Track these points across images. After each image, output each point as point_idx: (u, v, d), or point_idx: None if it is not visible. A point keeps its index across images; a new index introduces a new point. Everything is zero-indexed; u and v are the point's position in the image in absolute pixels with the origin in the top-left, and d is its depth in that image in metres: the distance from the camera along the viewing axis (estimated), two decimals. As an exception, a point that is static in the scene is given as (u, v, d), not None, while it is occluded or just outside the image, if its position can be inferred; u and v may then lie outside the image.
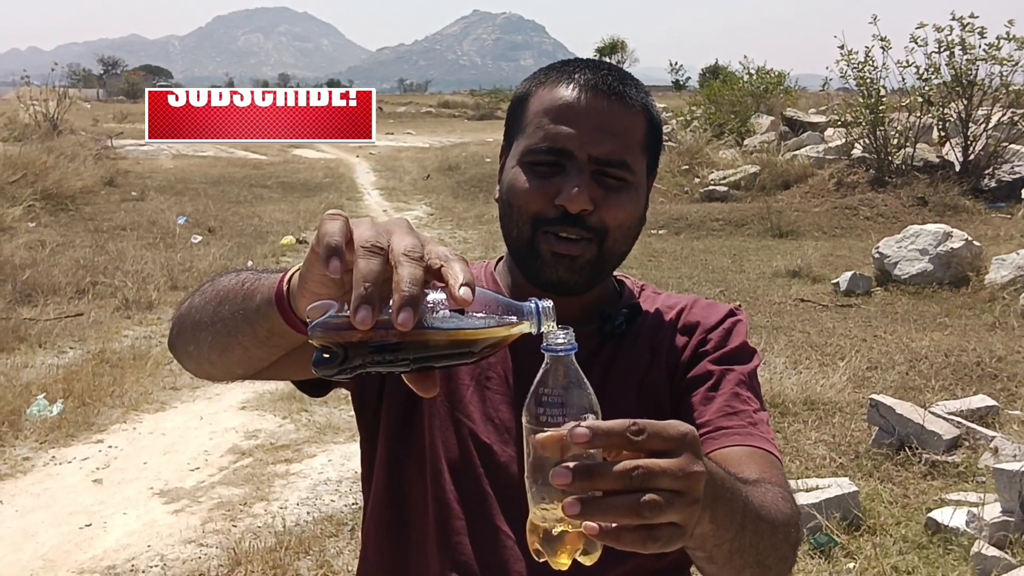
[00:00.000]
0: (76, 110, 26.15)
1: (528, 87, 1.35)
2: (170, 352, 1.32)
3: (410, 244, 0.84)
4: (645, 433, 0.78)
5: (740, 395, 1.29)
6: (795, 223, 14.03)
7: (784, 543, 1.07)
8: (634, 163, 1.28)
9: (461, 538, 1.27)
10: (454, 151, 26.05)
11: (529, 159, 1.28)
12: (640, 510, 0.76)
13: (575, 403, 0.83)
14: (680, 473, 0.78)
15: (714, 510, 0.87)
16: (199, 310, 1.19)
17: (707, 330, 1.37)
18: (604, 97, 1.27)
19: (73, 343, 7.87)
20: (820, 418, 5.84)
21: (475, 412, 1.32)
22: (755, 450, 1.22)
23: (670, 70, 70.16)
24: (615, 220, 1.27)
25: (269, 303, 1.02)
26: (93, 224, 13.47)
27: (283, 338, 1.06)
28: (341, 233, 0.86)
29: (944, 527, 4.26)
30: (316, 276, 0.91)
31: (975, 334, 7.80)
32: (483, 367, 1.35)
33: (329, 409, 6.41)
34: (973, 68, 14.98)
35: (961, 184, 14.51)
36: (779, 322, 8.33)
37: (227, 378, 1.24)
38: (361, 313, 0.79)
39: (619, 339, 1.36)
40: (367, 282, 0.81)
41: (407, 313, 0.78)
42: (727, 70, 28.75)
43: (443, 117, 57.20)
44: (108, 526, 4.77)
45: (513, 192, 1.29)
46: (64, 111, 20.58)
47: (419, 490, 1.31)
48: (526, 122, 1.31)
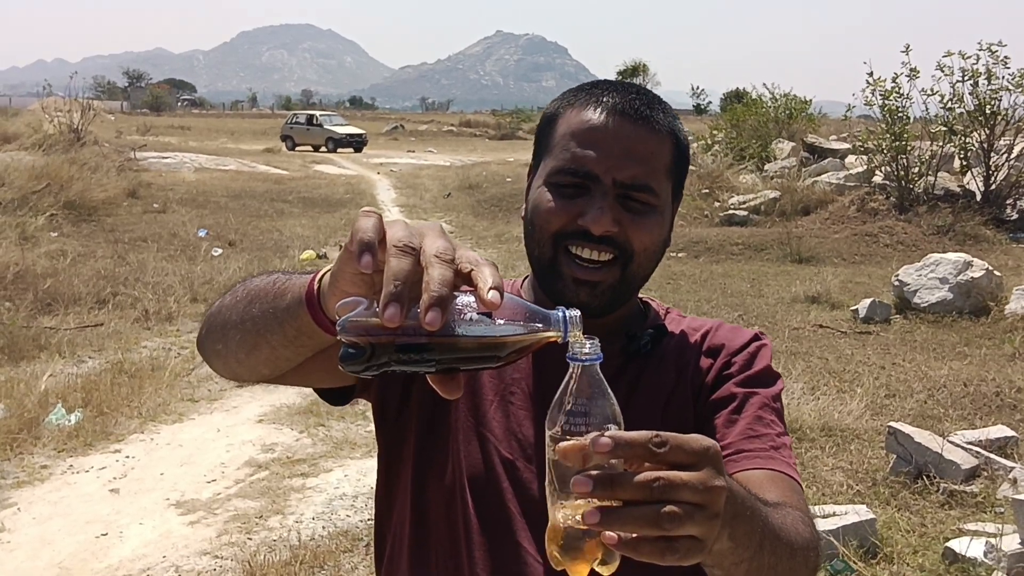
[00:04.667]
0: (100, 122, 26.39)
1: (557, 108, 1.36)
2: (198, 351, 1.33)
3: (442, 247, 0.85)
4: (667, 445, 0.78)
5: (763, 418, 1.29)
6: (815, 249, 13.99)
7: (803, 567, 1.07)
8: (659, 187, 1.29)
9: (482, 553, 1.27)
10: (475, 170, 26.12)
11: (555, 180, 1.29)
12: (660, 521, 0.76)
13: (599, 413, 0.84)
14: (701, 487, 0.78)
15: (734, 528, 0.87)
16: (229, 309, 1.20)
17: (732, 353, 1.38)
18: (631, 121, 1.27)
19: (92, 353, 7.92)
20: (837, 445, 5.81)
21: (498, 428, 1.33)
22: (777, 474, 1.22)
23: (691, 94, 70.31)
24: (640, 244, 1.28)
25: (299, 302, 1.04)
26: (114, 235, 13.58)
27: (311, 338, 1.07)
28: (375, 230, 0.87)
29: (962, 557, 4.23)
30: (348, 275, 0.92)
31: (994, 364, 7.75)
32: (507, 383, 1.35)
33: (346, 424, 6.42)
34: (997, 98, 14.93)
35: (982, 214, 14.45)
36: (797, 348, 8.30)
37: (253, 378, 1.25)
38: (390, 310, 0.80)
39: (645, 359, 1.37)
40: (397, 280, 0.82)
41: (435, 313, 0.79)
42: (750, 95, 28.71)
43: (464, 136, 57.44)
44: (124, 536, 4.79)
45: (537, 211, 1.30)
46: (88, 122, 20.73)
47: (441, 503, 1.31)
48: (554, 143, 1.32)
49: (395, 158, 35.44)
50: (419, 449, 1.35)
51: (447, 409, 1.34)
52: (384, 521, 1.43)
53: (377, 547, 1.45)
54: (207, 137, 42.96)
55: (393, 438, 1.39)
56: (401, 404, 1.37)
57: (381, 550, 1.44)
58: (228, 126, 58.33)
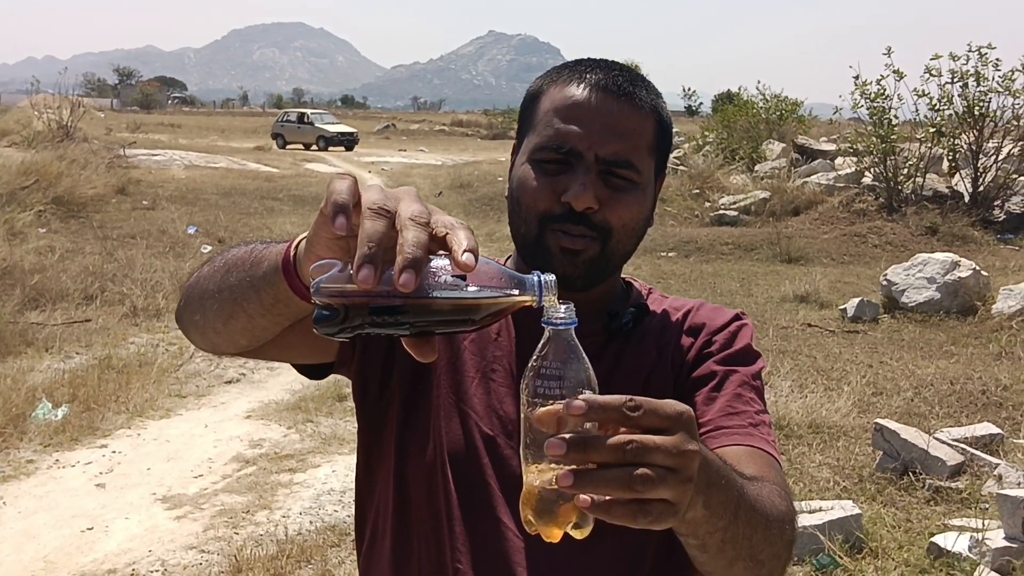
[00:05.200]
0: (89, 119, 26.28)
1: (540, 85, 1.36)
2: (177, 323, 1.33)
3: (417, 210, 0.85)
4: (641, 409, 0.79)
5: (742, 396, 1.30)
6: (804, 249, 14.04)
7: (778, 539, 1.07)
8: (641, 164, 1.29)
9: (462, 529, 1.28)
10: (466, 169, 26.12)
11: (538, 156, 1.29)
12: (632, 484, 0.77)
13: (573, 377, 0.84)
14: (674, 450, 0.79)
15: (708, 496, 0.88)
16: (207, 279, 1.20)
17: (713, 332, 1.38)
18: (614, 98, 1.28)
19: (80, 348, 7.90)
20: (825, 441, 5.82)
21: (479, 404, 1.33)
22: (754, 450, 1.23)
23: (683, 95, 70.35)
24: (619, 220, 1.28)
25: (276, 269, 1.04)
26: (103, 231, 13.52)
27: (288, 306, 1.07)
28: (349, 192, 0.87)
29: (947, 552, 4.24)
30: (323, 239, 0.92)
31: (981, 363, 7.78)
32: (489, 360, 1.36)
33: (335, 420, 6.42)
34: (985, 100, 14.99)
35: (970, 215, 14.52)
36: (786, 346, 8.32)
37: (231, 348, 1.25)
38: (364, 271, 0.80)
39: (626, 337, 1.38)
40: (371, 242, 0.82)
41: (409, 274, 0.79)
42: (741, 97, 28.81)
43: (456, 136, 57.45)
44: (110, 530, 4.78)
45: (522, 189, 1.31)
46: (77, 119, 20.66)
47: (422, 480, 1.32)
48: (537, 120, 1.32)
49: (386, 157, 35.42)
50: (400, 426, 1.35)
51: (428, 386, 1.34)
52: (365, 499, 1.43)
53: (358, 526, 1.46)
54: (197, 135, 42.87)
55: (374, 416, 1.39)
56: (382, 382, 1.37)
57: (362, 528, 1.44)
58: (219, 124, 58.21)
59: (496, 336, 1.37)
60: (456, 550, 1.28)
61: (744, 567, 1.04)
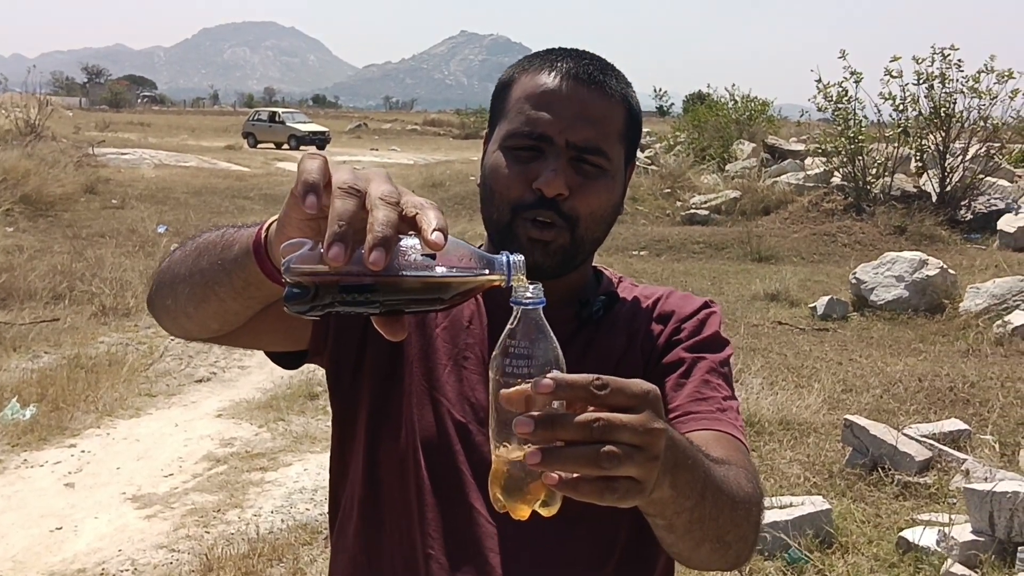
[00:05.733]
0: (58, 117, 26.03)
1: (512, 73, 1.37)
2: (148, 309, 1.33)
3: (387, 190, 0.86)
4: (608, 388, 0.80)
5: (710, 382, 1.32)
6: (774, 248, 14.13)
7: (744, 521, 1.08)
8: (611, 151, 1.30)
9: (434, 515, 1.29)
10: (439, 168, 26.06)
11: (510, 144, 1.30)
12: (599, 461, 0.78)
13: (541, 356, 0.85)
14: (641, 428, 0.80)
15: (674, 475, 0.89)
16: (179, 263, 1.20)
17: (682, 319, 1.40)
18: (584, 85, 1.29)
19: (48, 348, 7.82)
20: (795, 438, 5.87)
21: (451, 392, 1.33)
22: (722, 434, 1.24)
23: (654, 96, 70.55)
24: (588, 208, 1.29)
25: (247, 252, 1.04)
26: (72, 231, 13.40)
27: (259, 289, 1.07)
28: (320, 172, 0.88)
29: (915, 546, 4.29)
30: (294, 220, 0.93)
31: (948, 360, 7.87)
32: (461, 348, 1.36)
33: (306, 419, 6.40)
34: (951, 101, 15.17)
35: (937, 214, 14.68)
36: (756, 344, 8.37)
37: (203, 333, 1.25)
38: (334, 249, 0.80)
39: (596, 325, 1.38)
40: (342, 221, 0.82)
41: (379, 252, 0.80)
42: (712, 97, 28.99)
43: (428, 135, 57.32)
44: (79, 530, 4.74)
45: (494, 176, 1.31)
46: (45, 118, 20.44)
47: (394, 466, 1.32)
48: (508, 107, 1.33)
49: (358, 156, 35.27)
50: (372, 413, 1.35)
51: (401, 374, 1.35)
52: (338, 485, 1.44)
53: (331, 512, 1.47)
54: (168, 134, 42.53)
55: (347, 402, 1.39)
56: (355, 369, 1.37)
57: (335, 514, 1.45)
58: (189, 123, 57.79)
59: (468, 324, 1.38)
60: (428, 536, 1.28)
61: (711, 548, 1.06)
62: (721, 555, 1.09)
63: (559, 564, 1.27)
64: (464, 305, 1.38)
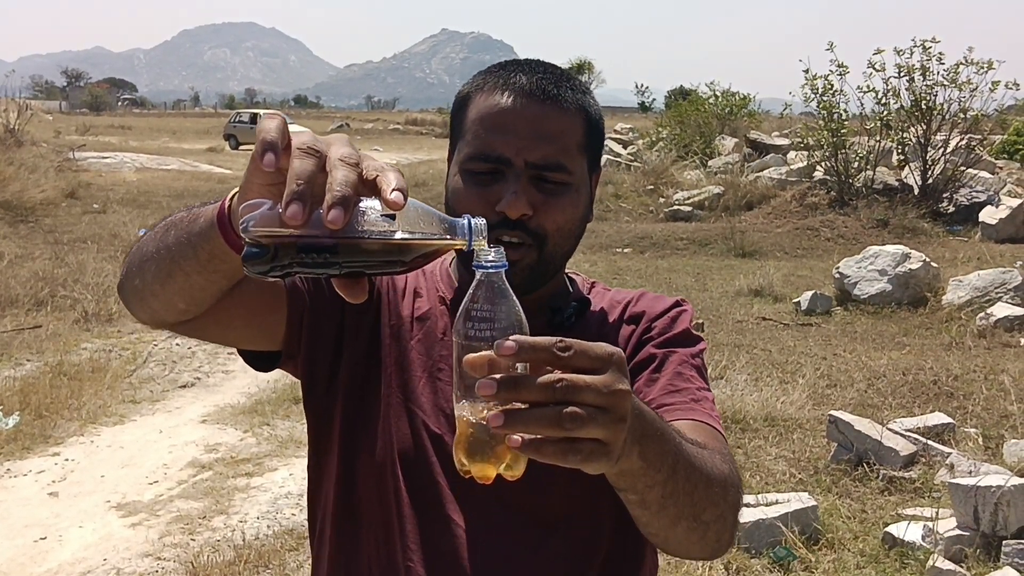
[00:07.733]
0: (38, 122, 25.86)
1: (468, 91, 1.36)
2: (119, 295, 1.31)
3: (347, 152, 0.85)
4: (572, 350, 0.79)
5: (683, 374, 1.32)
6: (758, 243, 14.18)
7: (721, 500, 1.08)
8: (572, 164, 1.30)
9: (412, 527, 1.29)
10: (421, 168, 26.00)
11: (468, 167, 1.29)
12: (562, 422, 0.77)
13: (503, 318, 0.85)
14: (605, 389, 0.79)
15: (643, 446, 0.88)
16: (147, 242, 1.20)
17: (652, 319, 1.40)
18: (539, 102, 1.28)
19: (31, 355, 7.77)
20: (780, 434, 5.88)
21: (427, 403, 1.33)
22: (697, 423, 1.24)
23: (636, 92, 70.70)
24: (554, 224, 1.28)
25: (211, 223, 1.04)
26: (53, 236, 13.32)
27: (224, 261, 1.06)
28: (279, 131, 0.87)
29: (901, 541, 4.31)
30: (255, 185, 0.92)
31: (932, 353, 7.91)
32: (435, 359, 1.36)
33: (291, 423, 6.38)
34: (932, 94, 15.23)
35: (920, 207, 14.74)
36: (741, 340, 8.39)
37: (170, 314, 1.23)
38: (292, 208, 0.79)
39: (568, 331, 1.38)
40: (300, 180, 0.81)
41: (338, 211, 0.79)
42: (695, 92, 29.04)
43: (410, 134, 57.16)
44: (64, 539, 4.71)
45: (456, 199, 1.31)
46: (25, 122, 20.30)
47: (372, 478, 1.32)
48: (465, 128, 1.32)
49: (340, 157, 35.12)
50: (347, 424, 1.35)
51: (376, 384, 1.34)
52: (316, 495, 1.43)
53: (310, 519, 1.47)
54: (148, 137, 42.30)
55: (321, 412, 1.39)
56: (330, 378, 1.37)
57: (314, 524, 1.44)
58: (170, 125, 57.50)
59: (442, 335, 1.38)
60: (407, 548, 1.29)
61: (688, 527, 1.05)
62: (700, 536, 1.08)
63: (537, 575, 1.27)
64: (438, 317, 1.39)
